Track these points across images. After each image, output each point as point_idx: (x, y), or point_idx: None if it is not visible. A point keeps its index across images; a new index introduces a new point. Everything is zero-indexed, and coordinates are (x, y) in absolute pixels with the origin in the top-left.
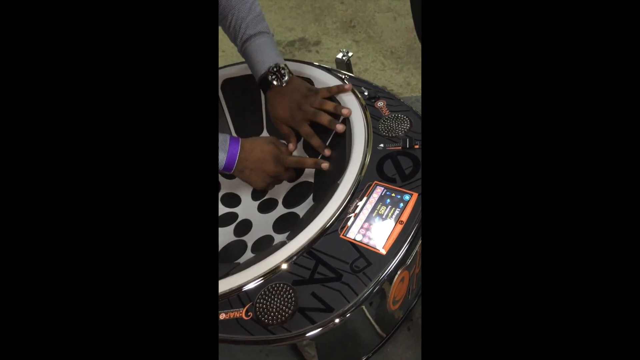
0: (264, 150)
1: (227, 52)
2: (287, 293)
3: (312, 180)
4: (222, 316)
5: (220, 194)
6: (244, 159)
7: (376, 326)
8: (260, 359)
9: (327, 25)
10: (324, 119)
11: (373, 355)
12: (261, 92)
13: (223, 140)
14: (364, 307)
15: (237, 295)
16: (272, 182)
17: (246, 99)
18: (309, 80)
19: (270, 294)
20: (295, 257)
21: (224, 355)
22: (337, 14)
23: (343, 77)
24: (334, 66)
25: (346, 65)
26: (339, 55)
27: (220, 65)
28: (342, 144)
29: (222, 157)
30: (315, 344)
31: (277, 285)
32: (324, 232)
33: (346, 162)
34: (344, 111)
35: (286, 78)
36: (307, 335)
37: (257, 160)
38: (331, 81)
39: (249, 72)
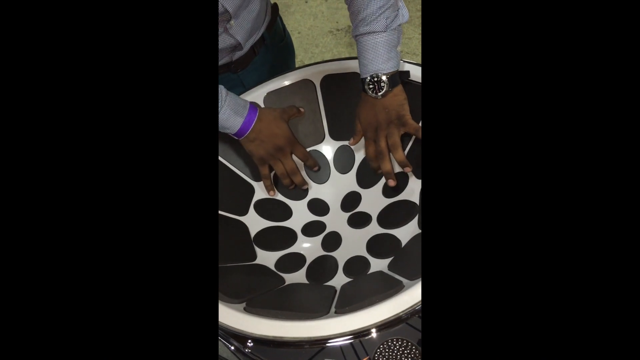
0: (280, 127)
1: (303, 34)
2: (412, 353)
3: (415, 200)
4: None
5: (306, 200)
6: (258, 130)
7: None
8: None
9: (410, 12)
10: (385, 167)
11: None
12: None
13: (243, 105)
14: None
15: (351, 344)
16: (274, 157)
17: (345, 99)
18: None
19: (390, 351)
20: (419, 309)
21: None
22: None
23: None
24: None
25: None
26: None
27: (317, 60)
28: None
29: (238, 122)
30: None
31: (399, 341)
32: None
33: None
34: (407, 169)
35: (382, 92)
36: None
37: (272, 134)
38: None
39: (350, 69)
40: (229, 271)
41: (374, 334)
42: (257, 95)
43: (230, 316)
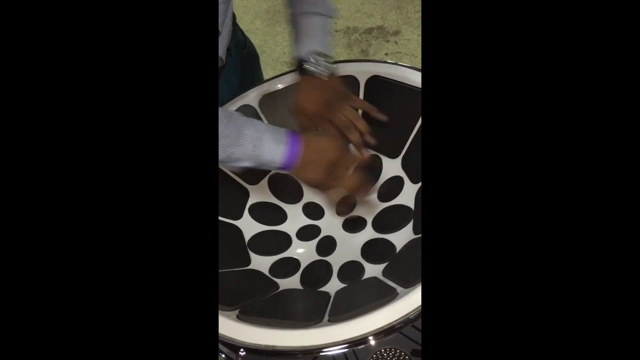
0: (330, 140)
1: None
2: None
3: (410, 205)
4: None
5: (301, 203)
6: (307, 153)
7: None
8: None
9: (409, 14)
10: (355, 137)
11: None
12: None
13: (278, 132)
14: None
15: (344, 354)
16: (330, 179)
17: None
18: (419, 92)
19: None
20: (414, 318)
21: None
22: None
23: None
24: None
25: None
26: None
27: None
28: None
29: (280, 150)
30: None
31: (393, 350)
32: None
33: None
34: (373, 140)
35: (325, 70)
36: None
37: (321, 149)
38: None
39: (347, 72)
40: (222, 277)
41: (367, 343)
42: (252, 97)
43: (223, 324)
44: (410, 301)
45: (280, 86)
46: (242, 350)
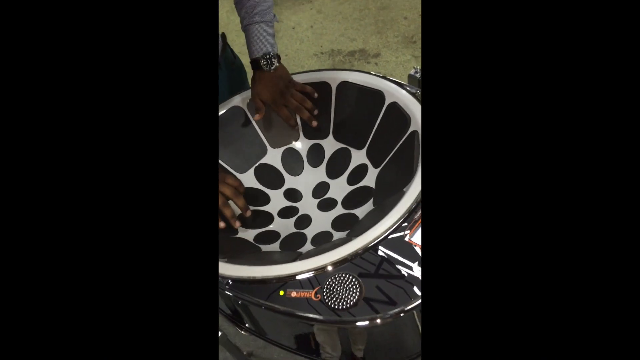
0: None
1: (290, 57)
2: (353, 283)
3: (372, 185)
4: (293, 294)
5: (283, 189)
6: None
7: None
8: None
9: (388, 38)
10: (305, 114)
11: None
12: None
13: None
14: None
15: (308, 278)
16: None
17: (317, 104)
18: (379, 93)
19: (337, 282)
20: (361, 252)
21: None
22: (400, 29)
23: (415, 92)
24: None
25: (418, 81)
26: (412, 72)
27: None
28: (408, 153)
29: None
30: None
31: (345, 275)
32: (390, 233)
33: (414, 170)
34: (315, 111)
35: (274, 66)
36: (370, 322)
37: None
38: (402, 95)
39: (321, 79)
40: None
41: (325, 269)
42: (239, 100)
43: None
44: (360, 242)
45: None
46: (229, 280)
